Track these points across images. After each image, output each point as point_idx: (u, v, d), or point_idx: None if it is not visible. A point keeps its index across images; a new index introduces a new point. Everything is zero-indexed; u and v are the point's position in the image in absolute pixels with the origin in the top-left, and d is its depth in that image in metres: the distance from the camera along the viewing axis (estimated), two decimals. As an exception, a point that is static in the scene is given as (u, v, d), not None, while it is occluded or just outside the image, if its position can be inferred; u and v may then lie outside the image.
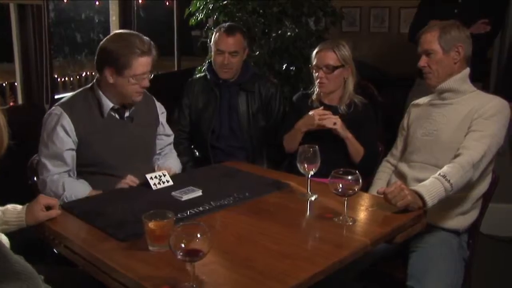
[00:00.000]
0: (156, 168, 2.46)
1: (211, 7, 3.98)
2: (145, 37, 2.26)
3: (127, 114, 2.39)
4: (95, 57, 2.28)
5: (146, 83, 2.28)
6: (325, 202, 2.05)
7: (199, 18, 4.07)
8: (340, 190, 1.83)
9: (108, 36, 2.29)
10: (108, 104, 2.31)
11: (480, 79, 3.46)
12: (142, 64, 2.23)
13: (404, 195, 1.94)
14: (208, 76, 3.06)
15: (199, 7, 4.06)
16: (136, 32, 2.30)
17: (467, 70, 2.35)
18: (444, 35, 2.30)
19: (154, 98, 2.59)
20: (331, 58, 2.69)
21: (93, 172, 2.30)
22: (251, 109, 3.01)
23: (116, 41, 2.23)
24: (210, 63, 3.10)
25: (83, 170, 2.31)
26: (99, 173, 2.30)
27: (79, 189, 2.21)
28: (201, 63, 4.09)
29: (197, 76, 3.26)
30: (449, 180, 2.05)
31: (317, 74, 2.73)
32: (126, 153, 2.34)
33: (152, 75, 2.32)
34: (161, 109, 2.61)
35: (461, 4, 3.57)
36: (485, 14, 3.47)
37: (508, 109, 2.24)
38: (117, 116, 2.36)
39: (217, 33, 2.97)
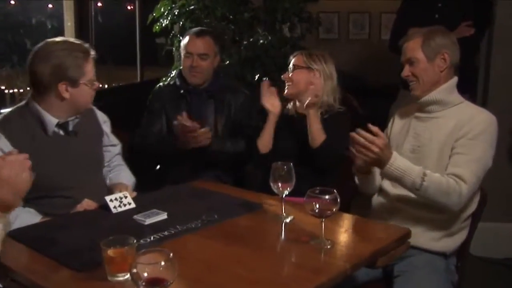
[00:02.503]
0: (108, 182, 2.48)
1: (176, 13, 4.00)
2: (79, 41, 2.33)
3: (71, 128, 2.38)
4: (34, 80, 2.26)
5: (97, 85, 2.35)
6: (301, 224, 2.06)
7: (163, 25, 4.08)
8: (316, 211, 1.84)
9: (35, 55, 2.25)
10: (51, 120, 2.29)
11: (467, 90, 3.52)
12: (92, 66, 2.29)
13: (371, 153, 2.11)
14: (178, 83, 3.11)
15: (163, 13, 4.08)
16: (63, 37, 2.33)
17: (454, 80, 2.37)
18: (427, 42, 2.32)
19: (94, 107, 2.59)
20: (297, 60, 2.86)
21: (41, 197, 2.25)
22: (219, 120, 3.04)
23: (55, 53, 2.23)
24: (180, 69, 3.16)
25: (29, 196, 2.24)
26: (48, 197, 2.27)
27: (26, 220, 2.14)
28: (166, 73, 4.10)
29: (165, 83, 3.29)
30: (423, 180, 2.11)
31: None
32: (76, 171, 2.34)
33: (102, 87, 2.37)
34: (103, 117, 2.62)
35: (441, 8, 3.65)
36: (467, 16, 3.54)
37: (495, 125, 2.27)
38: (61, 132, 2.36)
39: (187, 36, 3.08)
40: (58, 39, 2.32)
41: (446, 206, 2.17)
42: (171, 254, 1.39)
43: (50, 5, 4.81)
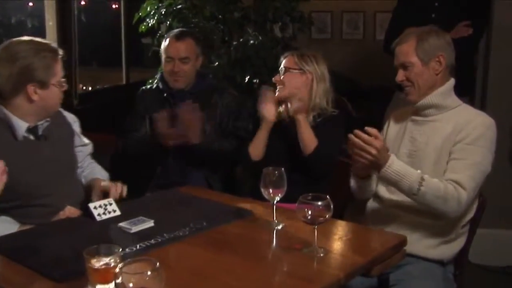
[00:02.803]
0: (83, 181, 2.50)
1: (163, 12, 4.00)
2: (47, 41, 2.34)
3: (40, 132, 2.36)
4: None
5: (66, 85, 2.34)
6: (293, 231, 2.06)
7: (150, 24, 4.08)
8: (309, 217, 1.84)
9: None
10: (21, 125, 2.28)
11: (466, 92, 3.53)
12: (60, 66, 2.29)
13: (368, 155, 2.12)
14: (161, 86, 3.12)
15: (149, 12, 4.08)
16: (28, 37, 2.31)
17: (451, 82, 2.37)
18: (421, 44, 2.31)
19: (61, 108, 2.57)
20: (289, 61, 2.85)
21: (17, 206, 2.24)
22: (206, 123, 3.04)
23: (21, 54, 2.22)
24: (162, 72, 3.17)
25: (5, 206, 2.23)
26: (25, 206, 2.25)
27: (2, 229, 2.11)
28: (153, 75, 4.09)
29: (148, 86, 3.29)
30: (421, 185, 2.11)
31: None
32: (50, 176, 2.32)
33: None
34: (72, 118, 2.61)
35: (438, 8, 3.67)
36: (465, 16, 3.56)
37: (493, 128, 2.27)
38: (31, 136, 2.34)
39: (167, 39, 3.08)
40: (24, 38, 2.30)
41: (443, 213, 2.17)
42: (158, 263, 1.39)
43: (30, 3, 4.79)
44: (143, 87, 3.28)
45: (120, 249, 1.60)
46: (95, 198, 2.35)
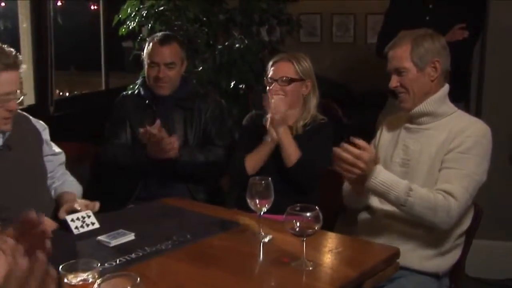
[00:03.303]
0: (52, 194, 2.46)
1: (144, 14, 4.00)
2: (6, 47, 2.22)
3: (1, 143, 2.32)
4: None
5: (13, 105, 2.21)
6: (281, 244, 2.07)
7: (130, 27, 4.08)
8: (297, 229, 1.85)
9: None
10: None
11: (461, 98, 3.55)
12: (6, 81, 2.16)
13: (357, 170, 2.11)
14: (142, 92, 3.11)
15: (130, 14, 4.07)
16: None
17: (446, 88, 2.38)
18: (416, 49, 2.31)
19: (29, 115, 2.53)
20: (289, 69, 2.78)
21: None
22: (189, 129, 3.05)
23: None
24: (144, 77, 3.16)
25: None
26: None
27: None
28: (134, 80, 4.09)
29: (129, 92, 3.29)
30: (408, 196, 2.11)
31: (271, 88, 2.80)
32: (15, 189, 2.29)
33: (22, 96, 2.25)
34: (41, 125, 2.56)
35: (433, 10, 3.69)
36: (460, 19, 3.59)
37: (488, 136, 2.29)
38: None
39: (150, 44, 3.06)
40: None
41: (434, 224, 2.18)
42: (139, 279, 1.38)
43: (2, 4, 4.76)
44: (124, 93, 3.27)
45: (99, 264, 1.60)
46: (63, 215, 2.29)
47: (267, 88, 2.84)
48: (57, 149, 2.64)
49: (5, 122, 2.23)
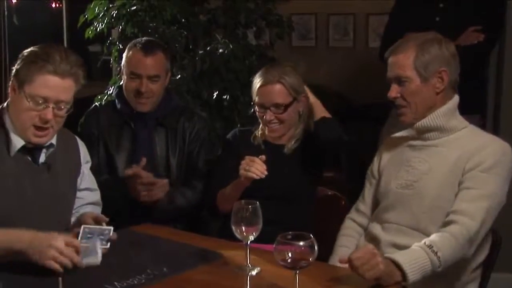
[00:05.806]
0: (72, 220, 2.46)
1: (114, 14, 3.99)
2: (74, 55, 2.28)
3: (42, 159, 2.35)
4: None
5: (48, 114, 2.23)
6: (270, 277, 2.07)
7: (98, 29, 4.07)
8: (289, 261, 1.85)
9: None
10: (16, 140, 2.28)
11: (476, 110, 3.56)
12: (48, 85, 2.22)
13: (375, 263, 1.98)
14: (119, 106, 3.07)
15: (98, 14, 4.07)
16: (65, 47, 2.29)
17: (455, 100, 2.39)
18: (421, 56, 2.32)
19: (79, 140, 2.59)
20: (280, 94, 2.76)
21: None
22: (171, 152, 3.03)
23: (35, 48, 2.26)
24: (120, 88, 3.12)
25: None
26: None
27: None
28: (102, 90, 4.08)
29: (103, 103, 3.26)
30: (436, 253, 2.10)
31: (263, 115, 2.80)
32: (36, 211, 2.31)
33: (65, 109, 2.29)
34: (85, 156, 2.60)
35: (444, 9, 3.69)
36: (475, 20, 3.59)
37: (509, 155, 2.31)
38: (29, 158, 2.33)
39: (131, 51, 2.99)
40: (61, 46, 2.36)
41: (465, 256, 2.21)
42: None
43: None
44: (96, 104, 3.24)
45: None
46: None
47: (257, 113, 2.84)
48: (94, 185, 2.65)
49: (36, 133, 2.26)
